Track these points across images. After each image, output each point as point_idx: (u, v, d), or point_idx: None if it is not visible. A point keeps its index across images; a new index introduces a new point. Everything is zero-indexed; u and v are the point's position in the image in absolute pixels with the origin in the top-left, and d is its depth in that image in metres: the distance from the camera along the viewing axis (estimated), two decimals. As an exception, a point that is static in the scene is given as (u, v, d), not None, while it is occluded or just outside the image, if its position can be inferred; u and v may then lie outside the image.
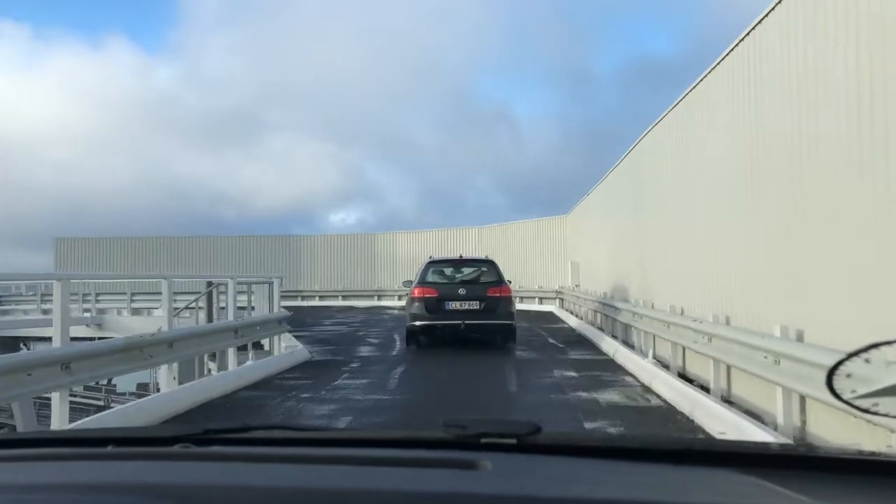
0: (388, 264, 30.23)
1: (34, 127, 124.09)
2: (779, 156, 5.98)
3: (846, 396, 1.29)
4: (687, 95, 8.96)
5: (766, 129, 6.29)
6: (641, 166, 11.94)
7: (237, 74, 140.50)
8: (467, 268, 12.78)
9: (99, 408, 19.71)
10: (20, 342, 26.54)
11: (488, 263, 12.75)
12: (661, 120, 10.48)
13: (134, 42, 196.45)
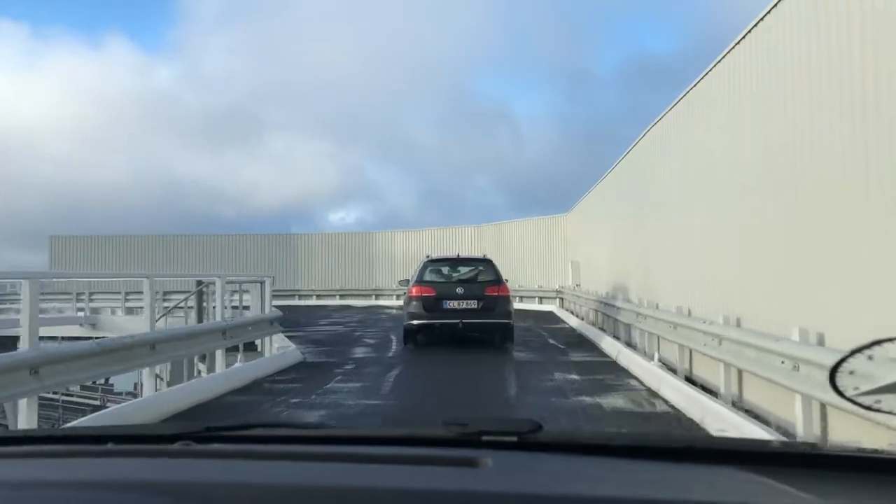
0: (386, 263, 29.84)
1: (32, 125, 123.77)
2: (780, 154, 5.68)
3: (849, 394, 1.27)
4: (688, 93, 8.68)
5: (773, 126, 5.99)
6: (643, 164, 11.61)
7: (236, 73, 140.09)
8: (465, 267, 12.80)
9: (95, 407, 19.38)
10: (17, 342, 26.23)
11: (486, 262, 12.77)
12: (663, 118, 10.26)
13: (133, 41, 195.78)
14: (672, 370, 8.25)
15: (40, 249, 33.50)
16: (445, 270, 12.66)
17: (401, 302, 16.33)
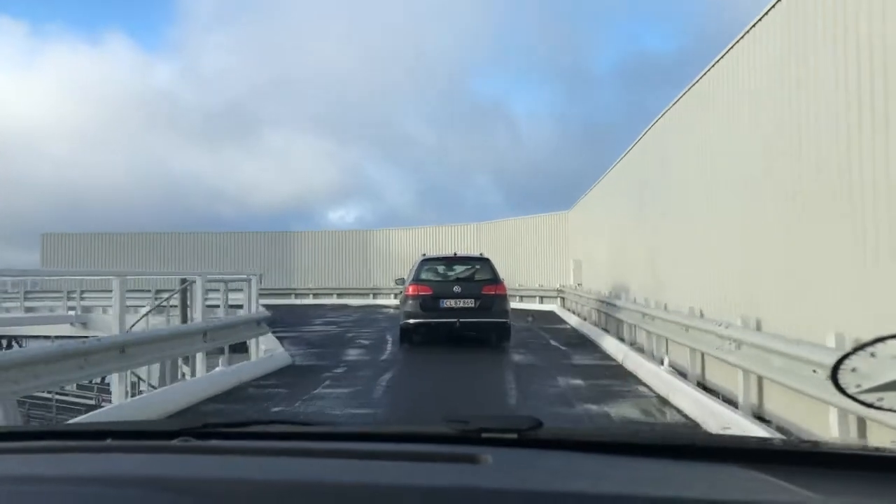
0: (384, 262, 29.22)
1: (31, 123, 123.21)
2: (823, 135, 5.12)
3: (851, 391, 1.25)
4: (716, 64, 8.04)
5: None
6: (652, 156, 11.04)
7: (235, 72, 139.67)
8: (462, 266, 12.60)
9: (90, 407, 18.87)
10: (12, 340, 25.77)
11: (483, 261, 12.63)
12: (667, 113, 9.74)
13: (132, 39, 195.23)
14: (682, 375, 7.72)
15: (34, 248, 32.94)
16: (442, 269, 12.45)
17: (398, 301, 15.94)
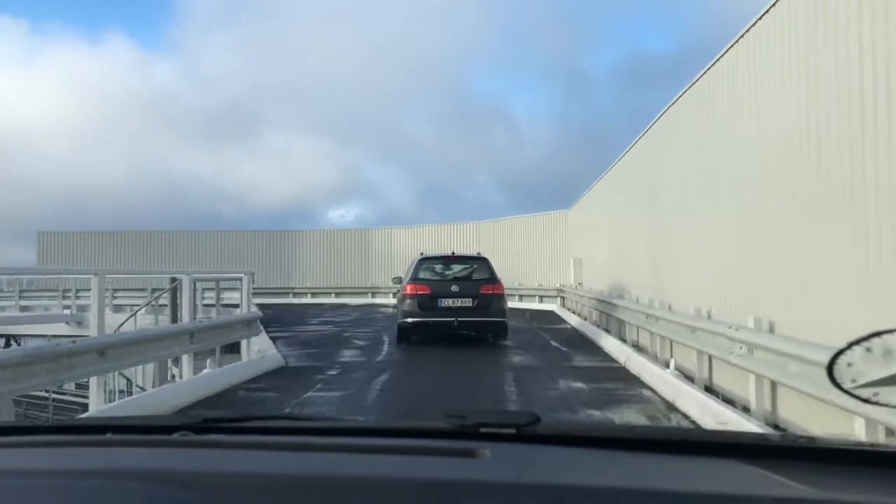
0: (383, 261, 28.92)
1: (30, 122, 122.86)
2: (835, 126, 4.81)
3: (846, 386, 1.26)
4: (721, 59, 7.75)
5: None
6: (656, 152, 10.73)
7: (236, 71, 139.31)
8: (460, 265, 12.55)
9: (86, 406, 18.60)
10: (10, 339, 25.48)
11: (480, 261, 12.60)
12: (667, 111, 9.47)
13: (132, 39, 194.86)
14: (689, 378, 7.41)
15: (32, 245, 32.58)
16: (440, 268, 12.48)
17: (396, 300, 15.70)
